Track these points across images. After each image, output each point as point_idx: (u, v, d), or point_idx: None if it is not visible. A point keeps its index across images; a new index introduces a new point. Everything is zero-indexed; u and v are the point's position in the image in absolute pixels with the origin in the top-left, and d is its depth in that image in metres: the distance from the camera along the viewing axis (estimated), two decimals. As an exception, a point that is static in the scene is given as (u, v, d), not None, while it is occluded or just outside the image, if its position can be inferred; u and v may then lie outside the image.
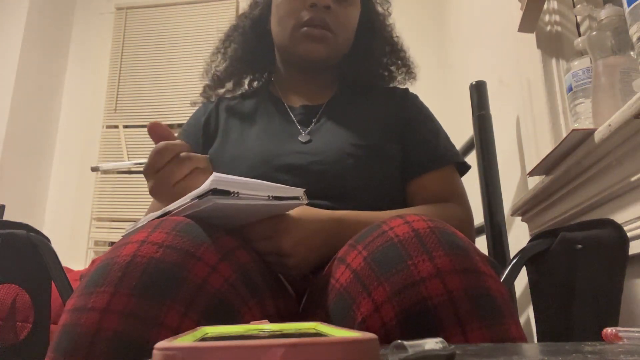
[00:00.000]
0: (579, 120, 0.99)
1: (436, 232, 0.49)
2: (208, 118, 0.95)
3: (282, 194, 0.56)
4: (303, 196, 0.59)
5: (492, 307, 0.46)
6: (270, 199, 0.54)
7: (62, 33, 3.15)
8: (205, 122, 0.94)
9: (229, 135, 0.90)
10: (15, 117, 2.73)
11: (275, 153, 0.82)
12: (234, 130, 0.91)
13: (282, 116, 0.91)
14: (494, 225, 1.18)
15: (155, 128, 0.70)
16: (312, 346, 0.23)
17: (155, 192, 0.69)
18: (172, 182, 0.66)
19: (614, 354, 0.30)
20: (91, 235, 2.83)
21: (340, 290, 0.51)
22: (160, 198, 0.69)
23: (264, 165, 0.81)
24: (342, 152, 0.82)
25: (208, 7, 3.06)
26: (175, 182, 0.66)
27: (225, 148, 0.87)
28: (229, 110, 0.96)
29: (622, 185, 0.78)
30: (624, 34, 0.86)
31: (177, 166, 0.66)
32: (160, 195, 0.69)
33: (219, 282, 0.48)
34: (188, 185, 0.65)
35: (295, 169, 0.80)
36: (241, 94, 1.02)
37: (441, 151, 0.88)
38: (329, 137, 0.85)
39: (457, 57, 2.04)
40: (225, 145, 0.88)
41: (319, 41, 0.87)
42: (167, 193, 0.66)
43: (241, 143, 0.87)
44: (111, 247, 0.52)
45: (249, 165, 0.81)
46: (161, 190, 0.68)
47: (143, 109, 2.99)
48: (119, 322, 0.43)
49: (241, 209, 0.54)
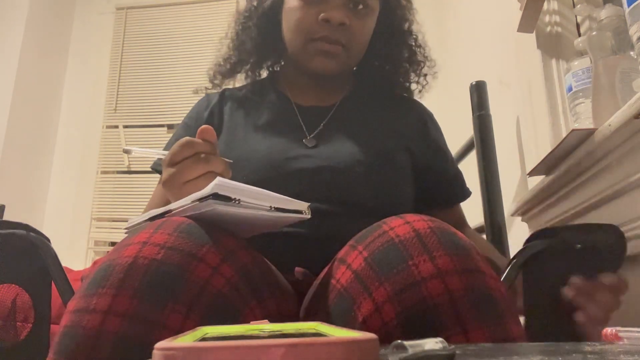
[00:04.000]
0: (579, 120, 0.99)
1: (437, 232, 0.49)
2: (211, 113, 0.91)
3: (285, 205, 0.55)
4: (307, 210, 0.58)
5: (492, 307, 0.46)
6: (272, 210, 0.53)
7: (62, 33, 3.15)
8: (208, 117, 0.90)
9: (234, 134, 0.87)
10: (15, 117, 2.73)
11: (282, 156, 0.80)
12: (239, 129, 0.88)
13: (288, 115, 0.88)
14: (494, 225, 1.18)
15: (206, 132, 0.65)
16: (312, 346, 0.23)
17: (166, 184, 0.66)
18: (183, 179, 0.64)
19: (614, 354, 0.30)
20: (91, 235, 2.83)
21: (340, 291, 0.51)
22: (170, 192, 0.66)
23: (269, 169, 0.79)
24: (352, 159, 0.80)
25: (208, 7, 3.06)
26: (186, 181, 0.64)
27: (231, 147, 0.84)
28: (234, 105, 0.92)
29: (622, 185, 0.78)
30: (624, 34, 0.86)
31: (191, 165, 0.64)
32: (170, 189, 0.66)
33: (220, 283, 0.48)
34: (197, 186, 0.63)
35: (303, 173, 0.78)
36: (247, 85, 0.98)
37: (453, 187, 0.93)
38: (339, 141, 0.83)
39: (457, 57, 2.04)
40: (230, 145, 0.85)
41: (332, 57, 0.84)
42: (176, 189, 0.64)
43: (246, 143, 0.84)
44: (113, 247, 0.52)
45: (253, 168, 0.79)
46: (172, 185, 0.65)
47: (143, 109, 2.99)
48: (121, 324, 0.43)
49: (241, 217, 0.54)
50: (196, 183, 0.64)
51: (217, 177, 0.50)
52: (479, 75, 1.36)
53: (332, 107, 0.90)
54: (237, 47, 0.95)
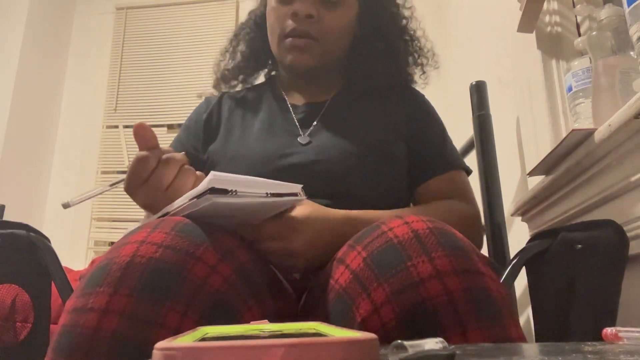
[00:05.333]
0: (579, 120, 0.99)
1: (435, 233, 0.49)
2: (210, 114, 0.94)
3: (280, 190, 0.56)
4: (301, 192, 0.59)
5: (491, 308, 0.46)
6: (269, 196, 0.54)
7: (62, 33, 3.15)
8: (206, 119, 0.93)
9: (231, 133, 0.89)
10: (15, 117, 2.73)
11: (277, 153, 0.81)
12: (236, 128, 0.90)
13: (284, 114, 0.90)
14: (494, 225, 1.18)
15: (140, 130, 0.64)
16: (312, 346, 0.23)
17: (148, 203, 0.65)
18: (164, 186, 0.63)
19: (614, 354, 0.30)
20: (91, 235, 2.83)
21: (339, 291, 0.51)
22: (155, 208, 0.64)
23: (265, 165, 0.80)
24: (345, 151, 0.81)
25: (208, 7, 3.06)
26: (168, 186, 0.63)
27: (227, 145, 0.87)
28: (232, 106, 0.95)
29: (622, 185, 0.78)
30: (624, 34, 0.86)
31: (164, 169, 0.63)
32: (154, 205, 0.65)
33: (218, 282, 0.48)
34: (180, 184, 0.64)
35: (297, 168, 0.80)
36: (245, 88, 1.01)
37: (447, 156, 0.89)
38: (332, 135, 0.84)
39: (457, 57, 2.04)
40: (227, 143, 0.87)
41: (304, 51, 0.85)
42: (160, 199, 0.63)
43: (242, 141, 0.86)
44: (110, 247, 0.52)
45: (250, 164, 0.81)
46: (155, 199, 0.64)
47: (143, 109, 2.99)
48: (119, 323, 0.43)
49: (240, 207, 0.54)
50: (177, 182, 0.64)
51: (211, 172, 0.51)
52: (479, 75, 1.36)
53: (324, 104, 0.91)
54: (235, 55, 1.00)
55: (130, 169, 0.63)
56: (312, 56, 0.86)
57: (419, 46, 0.98)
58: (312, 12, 0.84)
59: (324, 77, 0.94)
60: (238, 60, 0.99)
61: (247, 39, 0.99)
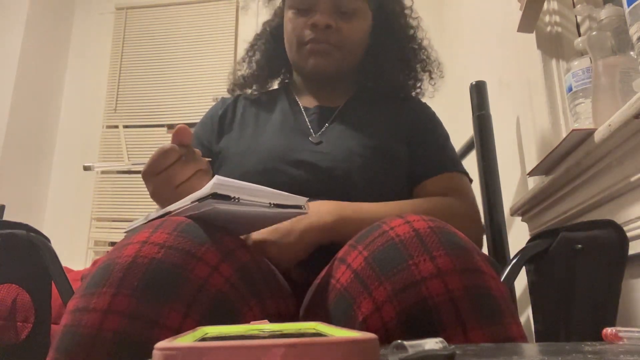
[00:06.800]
0: (579, 120, 0.99)
1: (437, 232, 0.49)
2: (225, 111, 0.98)
3: (284, 201, 0.55)
4: (305, 205, 0.58)
5: (492, 307, 0.46)
6: (272, 206, 0.54)
7: (62, 33, 3.15)
8: (221, 115, 0.97)
9: (244, 129, 0.93)
10: (15, 117, 2.73)
11: (286, 149, 0.84)
12: (249, 125, 0.93)
13: (296, 116, 0.93)
14: (494, 225, 1.18)
15: (181, 132, 0.67)
16: (312, 346, 0.23)
17: (156, 194, 0.69)
18: (175, 183, 0.66)
19: (614, 354, 0.30)
20: (91, 235, 2.83)
21: (340, 290, 0.51)
22: (162, 201, 0.68)
23: (274, 159, 0.83)
24: (350, 152, 0.84)
25: (208, 7, 3.06)
26: (179, 184, 0.66)
27: (239, 141, 0.90)
28: (247, 106, 0.99)
29: (622, 185, 0.78)
30: (624, 34, 0.86)
31: (181, 167, 0.66)
32: (162, 198, 0.68)
33: (219, 282, 0.48)
34: (191, 186, 0.65)
35: (304, 164, 0.82)
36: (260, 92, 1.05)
37: (445, 160, 0.90)
38: (340, 138, 0.87)
39: (457, 57, 2.04)
40: (240, 138, 0.91)
41: (325, 56, 0.89)
42: (169, 195, 0.65)
43: (255, 137, 0.90)
44: (113, 247, 0.52)
45: (260, 158, 0.83)
46: (163, 193, 0.67)
47: (143, 109, 2.99)
48: (121, 323, 0.44)
49: (241, 215, 0.54)
50: (189, 184, 0.65)
51: (215, 177, 0.50)
52: (479, 75, 1.36)
53: (336, 109, 0.94)
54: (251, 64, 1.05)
55: (151, 158, 0.66)
56: (332, 61, 0.90)
57: (426, 55, 1.01)
58: (331, 23, 0.88)
59: (337, 84, 0.97)
60: (254, 68, 1.04)
61: (262, 49, 1.04)
